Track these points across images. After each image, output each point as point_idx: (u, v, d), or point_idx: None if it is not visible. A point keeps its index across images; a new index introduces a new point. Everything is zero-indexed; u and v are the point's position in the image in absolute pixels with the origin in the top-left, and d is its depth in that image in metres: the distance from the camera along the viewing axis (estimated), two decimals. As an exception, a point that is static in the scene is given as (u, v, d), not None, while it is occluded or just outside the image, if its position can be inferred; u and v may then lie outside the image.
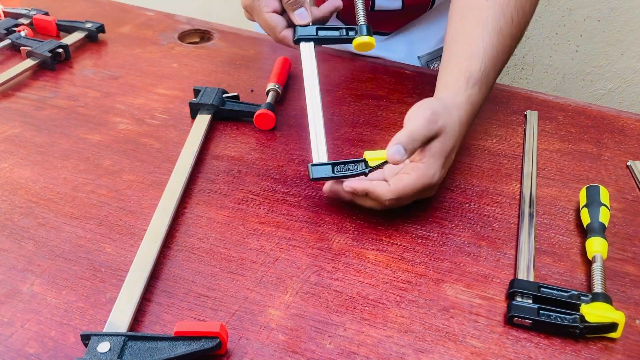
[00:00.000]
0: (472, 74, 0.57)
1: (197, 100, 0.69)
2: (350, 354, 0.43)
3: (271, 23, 0.58)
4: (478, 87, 0.57)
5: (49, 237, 0.52)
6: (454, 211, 0.57)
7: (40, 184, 0.59)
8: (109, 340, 0.41)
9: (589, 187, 0.56)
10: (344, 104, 0.73)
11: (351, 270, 0.50)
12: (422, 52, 0.89)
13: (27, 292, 0.47)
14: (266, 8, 0.58)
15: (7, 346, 0.43)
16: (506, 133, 0.69)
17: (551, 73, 1.41)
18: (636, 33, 1.29)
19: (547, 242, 0.54)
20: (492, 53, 0.58)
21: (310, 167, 0.54)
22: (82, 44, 0.87)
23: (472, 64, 0.57)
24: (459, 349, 0.44)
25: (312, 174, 0.54)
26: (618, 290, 0.50)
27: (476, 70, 0.57)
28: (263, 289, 0.48)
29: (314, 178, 0.54)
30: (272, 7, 0.58)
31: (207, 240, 0.53)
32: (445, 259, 0.52)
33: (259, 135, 0.68)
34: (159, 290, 0.48)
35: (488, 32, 0.58)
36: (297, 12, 0.58)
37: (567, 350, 0.45)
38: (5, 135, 0.66)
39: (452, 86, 0.57)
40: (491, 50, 0.58)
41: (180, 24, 0.93)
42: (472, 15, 0.60)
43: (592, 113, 0.74)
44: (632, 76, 1.35)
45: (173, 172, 0.59)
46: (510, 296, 0.48)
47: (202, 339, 0.41)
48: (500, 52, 0.59)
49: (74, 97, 0.74)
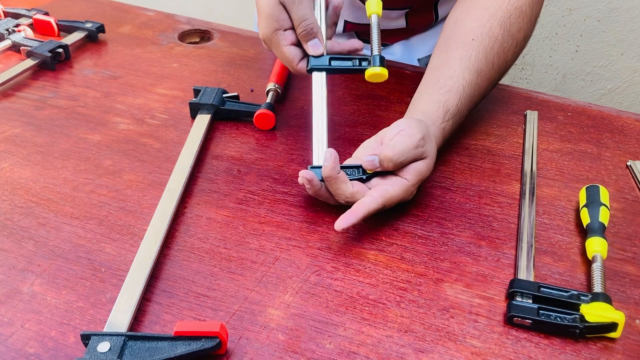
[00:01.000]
0: (449, 109, 0.60)
1: (197, 100, 0.69)
2: (350, 353, 0.43)
3: (289, 56, 0.59)
4: (452, 122, 0.60)
5: (49, 237, 0.52)
6: (454, 211, 0.57)
7: (40, 184, 0.59)
8: (109, 340, 0.41)
9: (589, 187, 0.56)
10: (344, 104, 0.73)
11: (351, 270, 0.50)
12: (422, 55, 0.89)
13: (27, 292, 0.47)
14: (284, 41, 0.59)
15: (7, 346, 0.43)
16: (506, 133, 0.70)
17: (551, 73, 1.41)
18: (636, 33, 1.29)
19: (547, 242, 0.54)
20: (469, 92, 0.61)
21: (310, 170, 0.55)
22: (82, 44, 0.87)
23: (450, 98, 0.60)
24: (459, 348, 0.44)
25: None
26: (618, 290, 0.50)
27: (453, 106, 0.60)
28: (263, 289, 0.48)
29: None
30: (290, 40, 0.59)
31: (207, 240, 0.53)
32: (445, 259, 0.52)
33: (259, 135, 0.68)
34: (159, 290, 0.48)
35: (469, 70, 0.61)
36: (311, 42, 0.59)
37: (567, 350, 0.45)
38: (5, 135, 0.66)
39: (431, 116, 0.59)
40: (469, 89, 0.61)
41: (180, 24, 0.93)
42: (456, 50, 0.63)
43: (592, 113, 0.74)
44: (632, 76, 1.35)
45: (173, 172, 0.59)
46: (510, 296, 0.48)
47: (202, 339, 0.41)
48: (476, 93, 0.62)
49: (74, 97, 0.74)
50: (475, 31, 0.63)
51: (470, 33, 0.63)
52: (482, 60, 0.62)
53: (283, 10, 0.58)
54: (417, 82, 0.65)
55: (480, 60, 0.62)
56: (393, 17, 0.83)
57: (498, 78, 0.66)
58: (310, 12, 0.58)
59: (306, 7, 0.58)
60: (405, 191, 0.54)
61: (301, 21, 0.58)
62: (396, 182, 0.54)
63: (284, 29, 0.59)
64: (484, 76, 0.62)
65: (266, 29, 0.59)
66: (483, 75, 0.62)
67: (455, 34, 0.64)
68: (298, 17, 0.58)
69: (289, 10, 0.58)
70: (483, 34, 0.62)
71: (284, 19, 0.58)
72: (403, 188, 0.54)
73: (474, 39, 0.62)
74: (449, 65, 0.62)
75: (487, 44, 0.62)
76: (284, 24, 0.58)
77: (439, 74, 0.62)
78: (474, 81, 0.61)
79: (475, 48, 0.62)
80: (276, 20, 0.58)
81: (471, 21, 0.64)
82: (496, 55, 0.63)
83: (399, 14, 0.83)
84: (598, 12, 1.29)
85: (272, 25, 0.58)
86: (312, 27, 0.58)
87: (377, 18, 0.60)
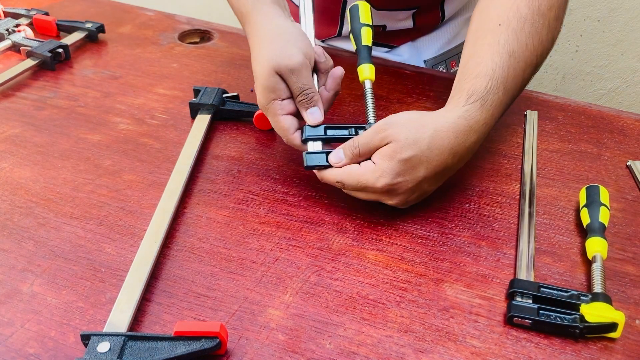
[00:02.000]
0: (475, 91, 0.55)
1: (197, 100, 0.69)
2: (350, 353, 0.43)
3: (284, 125, 0.57)
4: (480, 104, 0.54)
5: (49, 237, 0.52)
6: (454, 211, 0.57)
7: (40, 184, 0.59)
8: (108, 340, 0.41)
9: (589, 187, 0.56)
10: (344, 104, 0.73)
11: (351, 270, 0.50)
12: (428, 57, 0.89)
13: (27, 292, 0.47)
14: (281, 111, 0.57)
15: (7, 346, 0.43)
16: (506, 133, 0.69)
17: (551, 73, 1.41)
18: (636, 33, 1.29)
19: (547, 242, 0.54)
20: (501, 73, 0.56)
21: (305, 155, 0.55)
22: (82, 44, 0.87)
23: (477, 82, 0.55)
24: (459, 349, 0.44)
25: (307, 161, 0.55)
26: (618, 290, 0.50)
27: (480, 88, 0.55)
28: (263, 289, 0.48)
29: (308, 166, 0.55)
30: (287, 110, 0.58)
31: (207, 240, 0.53)
32: (445, 259, 0.52)
33: (259, 135, 0.68)
34: (159, 290, 0.48)
35: (499, 54, 0.56)
36: (310, 110, 0.57)
37: (567, 350, 0.45)
38: (5, 135, 0.66)
39: (450, 103, 0.56)
40: (501, 71, 0.56)
41: (180, 24, 0.93)
42: (484, 38, 0.59)
43: (592, 113, 0.74)
44: (632, 76, 1.35)
45: (173, 172, 0.59)
46: (510, 296, 0.48)
47: (202, 339, 0.41)
48: (511, 74, 0.57)
49: (74, 97, 0.74)
50: (501, 16, 0.59)
51: (496, 19, 0.59)
52: (512, 42, 0.57)
53: (280, 80, 0.56)
54: (417, 82, 0.65)
55: (511, 42, 0.57)
56: (400, 17, 0.83)
57: (537, 61, 0.60)
58: (311, 81, 0.57)
59: (307, 76, 0.56)
60: (369, 172, 0.52)
61: (302, 90, 0.56)
62: (364, 163, 0.53)
63: (282, 98, 0.57)
64: (517, 57, 0.57)
65: (263, 99, 0.57)
66: (517, 57, 0.57)
67: (481, 24, 0.61)
68: (299, 87, 0.56)
69: (287, 80, 0.56)
70: (510, 17, 0.58)
71: (281, 89, 0.56)
72: (367, 169, 0.52)
73: (501, 24, 0.58)
74: (478, 55, 0.58)
75: (516, 25, 0.58)
76: (281, 94, 0.57)
77: (467, 67, 0.58)
78: (505, 63, 0.56)
79: (504, 32, 0.58)
80: (273, 90, 0.56)
81: (496, 7, 0.60)
82: (528, 36, 0.58)
83: (406, 15, 0.83)
84: (598, 12, 1.29)
85: (268, 96, 0.57)
86: (312, 96, 0.57)
87: (370, 84, 0.59)
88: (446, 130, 0.52)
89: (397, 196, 0.53)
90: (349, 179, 0.53)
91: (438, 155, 0.52)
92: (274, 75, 0.56)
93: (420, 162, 0.52)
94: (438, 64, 0.90)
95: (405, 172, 0.51)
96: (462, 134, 0.53)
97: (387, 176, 0.51)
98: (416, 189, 0.53)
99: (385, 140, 0.52)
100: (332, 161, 0.54)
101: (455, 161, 0.54)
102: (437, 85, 0.78)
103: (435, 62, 0.90)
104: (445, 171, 0.54)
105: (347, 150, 0.54)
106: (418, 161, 0.51)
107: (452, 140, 0.53)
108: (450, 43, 0.90)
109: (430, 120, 0.53)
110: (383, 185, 0.51)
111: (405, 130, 0.52)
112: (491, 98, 0.55)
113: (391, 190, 0.52)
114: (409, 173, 0.52)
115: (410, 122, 0.53)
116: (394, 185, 0.52)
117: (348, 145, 0.54)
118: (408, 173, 0.52)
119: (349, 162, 0.54)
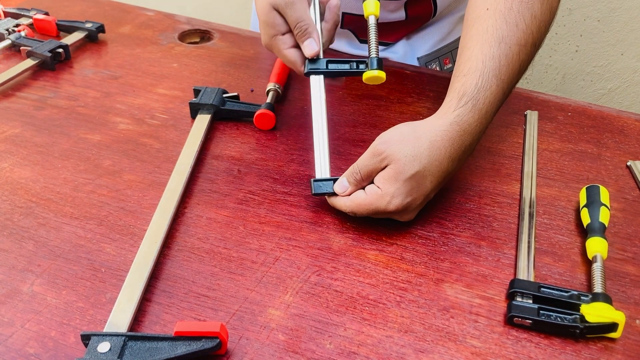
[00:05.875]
0: (466, 92, 0.54)
1: (197, 100, 0.69)
2: (350, 354, 0.43)
3: (290, 58, 0.59)
4: (472, 105, 0.53)
5: (49, 237, 0.52)
6: (454, 211, 0.57)
7: (40, 184, 0.59)
8: (109, 340, 0.41)
9: (589, 187, 0.56)
10: (344, 104, 0.73)
11: (351, 270, 0.50)
12: (421, 54, 0.89)
13: (27, 292, 0.47)
14: (283, 45, 0.59)
15: (7, 346, 0.43)
16: (506, 133, 0.69)
17: (551, 73, 1.41)
18: (636, 33, 1.29)
19: (547, 242, 0.54)
20: (492, 65, 0.55)
21: (312, 183, 0.55)
22: (82, 44, 0.87)
23: (467, 81, 0.54)
24: (459, 349, 0.44)
25: (314, 189, 0.55)
26: (618, 290, 0.50)
27: (471, 87, 0.54)
28: (263, 289, 0.48)
29: (315, 193, 0.55)
30: (289, 43, 0.59)
31: (207, 240, 0.53)
32: (445, 259, 0.52)
33: (259, 135, 0.68)
34: (159, 290, 0.48)
35: (488, 43, 0.55)
36: (306, 42, 0.59)
37: (567, 350, 0.45)
38: (5, 135, 0.66)
39: (442, 107, 0.56)
40: (491, 62, 0.55)
41: (180, 24, 0.93)
42: (473, 28, 0.58)
43: (592, 113, 0.74)
44: (632, 76, 1.35)
45: (173, 172, 0.59)
46: (510, 296, 0.48)
47: (202, 339, 0.41)
48: (504, 63, 0.55)
49: (74, 97, 0.74)
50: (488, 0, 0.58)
51: (483, 4, 0.58)
52: (501, 26, 0.56)
53: (278, 15, 0.58)
54: (417, 82, 0.65)
55: (500, 27, 0.56)
56: (392, 8, 0.83)
57: (533, 39, 0.58)
58: (305, 13, 0.58)
59: (300, 8, 0.58)
60: (378, 198, 0.51)
61: (297, 23, 0.57)
62: (370, 189, 0.53)
63: (282, 33, 0.59)
64: (508, 42, 0.55)
65: (265, 35, 0.59)
66: (507, 41, 0.55)
67: (470, 12, 0.60)
68: (293, 20, 0.57)
69: (284, 14, 0.57)
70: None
71: (280, 23, 0.58)
72: (375, 195, 0.52)
73: (489, 7, 0.57)
74: (468, 47, 0.57)
75: (503, 6, 0.56)
76: (280, 29, 0.58)
77: (459, 62, 0.58)
78: (496, 52, 0.55)
79: (491, 17, 0.56)
80: (272, 26, 0.58)
81: None
82: (518, 15, 0.56)
83: (397, 5, 0.82)
84: (598, 12, 1.29)
85: (269, 31, 0.58)
86: (306, 27, 0.58)
87: (374, 19, 0.60)
88: (441, 140, 0.52)
89: (409, 213, 0.54)
90: (359, 210, 0.53)
91: (438, 166, 0.52)
92: (272, 11, 0.57)
93: (425, 176, 0.52)
94: (431, 61, 0.90)
95: (413, 190, 0.51)
96: (457, 140, 0.53)
97: (397, 198, 0.51)
98: (425, 201, 0.54)
99: (384, 162, 0.52)
100: (338, 192, 0.54)
101: (454, 166, 0.54)
102: (437, 85, 0.78)
103: (428, 59, 0.90)
104: (447, 177, 0.54)
105: (350, 178, 0.54)
106: (422, 176, 0.51)
107: (449, 149, 0.52)
108: (444, 40, 0.90)
109: (423, 131, 0.53)
110: (395, 209, 0.51)
111: (403, 148, 0.51)
112: (483, 96, 0.54)
113: (404, 210, 0.52)
114: (416, 190, 0.52)
115: (405, 137, 0.52)
116: (406, 206, 0.52)
117: (349, 172, 0.54)
118: (416, 190, 0.52)
119: (355, 188, 0.54)
